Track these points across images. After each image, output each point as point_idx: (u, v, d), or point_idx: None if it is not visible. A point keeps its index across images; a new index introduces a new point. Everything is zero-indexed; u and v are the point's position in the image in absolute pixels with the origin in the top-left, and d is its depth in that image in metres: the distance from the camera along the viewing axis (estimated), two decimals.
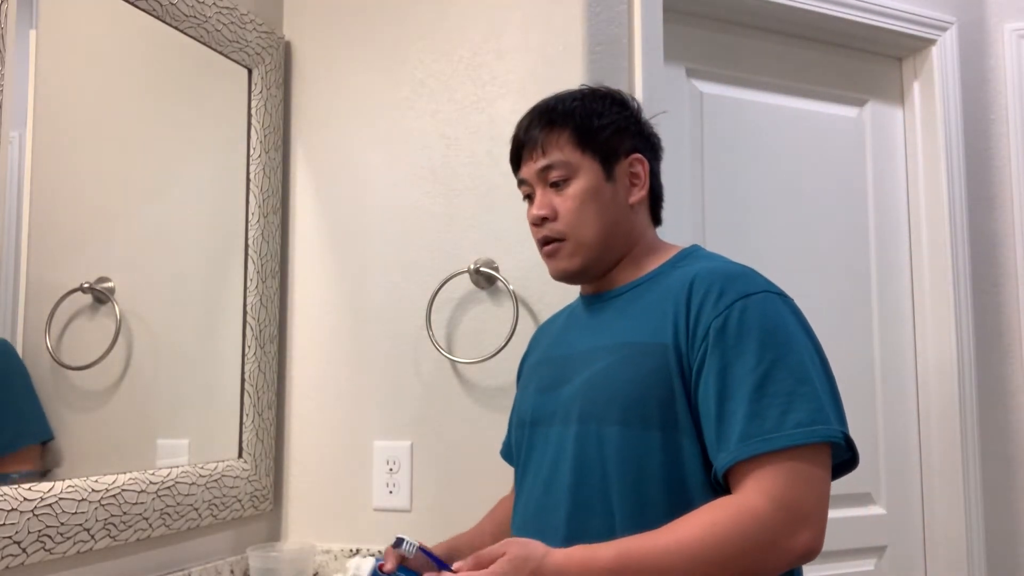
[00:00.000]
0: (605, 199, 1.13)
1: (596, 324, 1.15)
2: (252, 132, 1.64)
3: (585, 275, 1.16)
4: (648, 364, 1.04)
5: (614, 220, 1.13)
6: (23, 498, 1.11)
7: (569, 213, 1.12)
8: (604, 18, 1.58)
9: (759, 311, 1.00)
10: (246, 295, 1.61)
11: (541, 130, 1.14)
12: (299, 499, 1.68)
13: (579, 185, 1.12)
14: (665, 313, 1.05)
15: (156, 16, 1.39)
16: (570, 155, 1.12)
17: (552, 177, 1.13)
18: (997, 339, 2.05)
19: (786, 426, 0.94)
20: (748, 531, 0.92)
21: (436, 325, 1.59)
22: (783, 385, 0.96)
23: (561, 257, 1.14)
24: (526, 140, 1.16)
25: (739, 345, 0.98)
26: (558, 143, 1.13)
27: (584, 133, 1.13)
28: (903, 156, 2.11)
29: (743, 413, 0.96)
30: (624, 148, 1.15)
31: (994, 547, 1.98)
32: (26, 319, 1.17)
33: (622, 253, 1.15)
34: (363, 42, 1.71)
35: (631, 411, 1.03)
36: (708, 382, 1.00)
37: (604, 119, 1.14)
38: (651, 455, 1.01)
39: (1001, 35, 2.12)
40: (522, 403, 1.23)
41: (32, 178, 1.18)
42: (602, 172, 1.13)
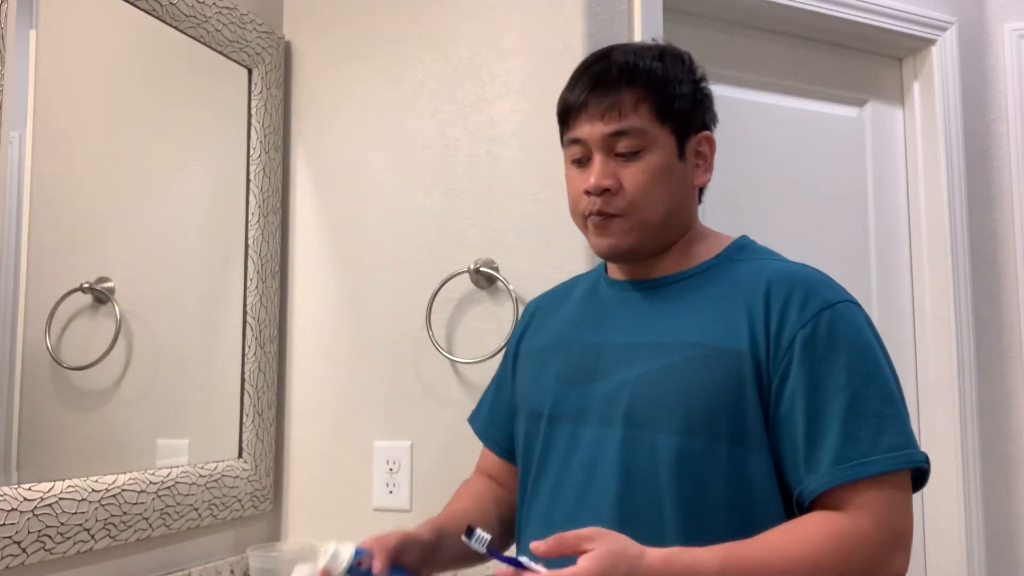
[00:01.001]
0: (675, 178, 1.03)
1: (642, 315, 1.05)
2: (252, 132, 1.64)
3: (633, 256, 1.06)
4: (720, 370, 0.96)
5: (680, 203, 1.04)
6: (23, 498, 1.11)
7: (637, 189, 1.00)
8: (604, 18, 1.58)
9: (846, 323, 0.96)
10: (246, 295, 1.61)
11: (621, 87, 1.00)
12: (299, 499, 1.68)
13: (653, 160, 1.01)
14: (737, 314, 0.97)
15: (156, 16, 1.39)
16: (649, 124, 1.00)
17: (622, 147, 1.01)
18: (997, 339, 2.05)
19: (880, 450, 0.91)
20: (856, 553, 0.89)
21: (436, 325, 1.59)
22: (874, 405, 0.93)
23: (613, 232, 1.02)
24: (599, 94, 1.01)
25: (828, 360, 0.93)
26: (637, 108, 1.00)
27: (666, 102, 1.01)
28: (903, 156, 2.11)
29: (836, 434, 0.91)
30: (696, 123, 1.05)
31: (994, 547, 1.98)
32: (26, 319, 1.17)
33: (675, 237, 1.06)
34: (363, 42, 1.71)
35: (696, 420, 0.95)
36: (794, 397, 0.93)
37: (683, 88, 1.03)
38: (715, 469, 0.95)
39: (1001, 35, 2.12)
40: (533, 392, 1.12)
41: (32, 178, 1.18)
42: (675, 147, 1.03)
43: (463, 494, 1.21)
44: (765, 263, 1.03)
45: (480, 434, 1.27)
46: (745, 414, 0.95)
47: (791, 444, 0.94)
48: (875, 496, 0.90)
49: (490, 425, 1.25)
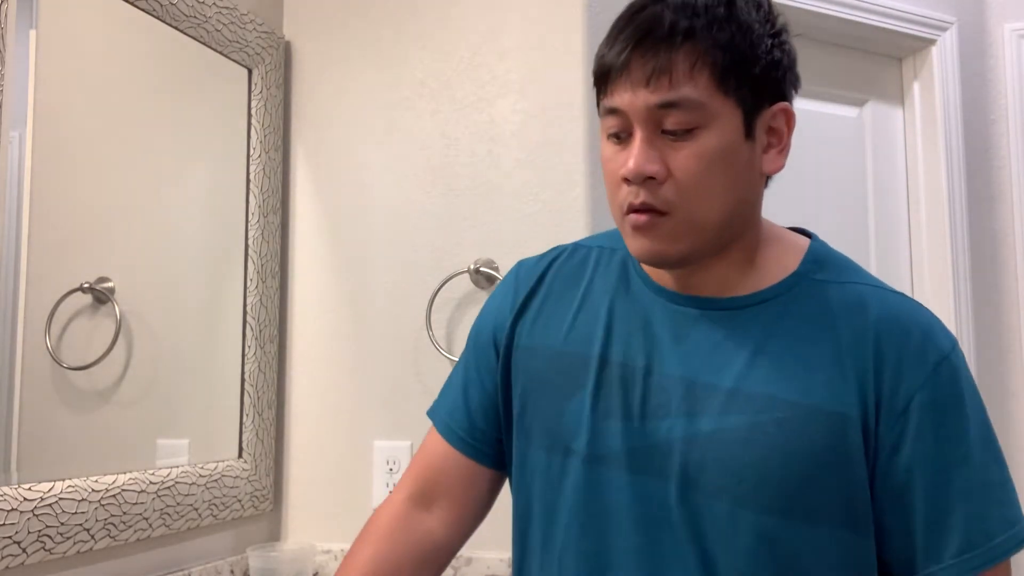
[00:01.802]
0: (740, 164, 0.80)
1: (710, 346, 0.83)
2: (252, 132, 1.64)
3: (683, 264, 0.83)
4: (822, 437, 0.77)
5: (745, 196, 0.82)
6: (23, 498, 1.11)
7: (690, 178, 0.78)
8: (604, 18, 1.58)
9: (964, 379, 0.80)
10: (246, 295, 1.61)
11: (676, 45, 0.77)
12: (299, 499, 1.68)
13: (711, 140, 0.78)
14: (841, 367, 0.79)
15: (156, 16, 1.39)
16: (708, 95, 0.77)
17: (672, 122, 0.77)
18: (997, 339, 2.05)
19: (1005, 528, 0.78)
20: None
21: (436, 325, 1.59)
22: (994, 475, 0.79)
23: (659, 236, 0.80)
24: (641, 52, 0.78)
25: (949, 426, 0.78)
26: (694, 73, 0.77)
27: (734, 65, 0.77)
28: (903, 156, 2.11)
29: (961, 516, 0.77)
30: (771, 92, 0.82)
31: None
32: (26, 319, 1.17)
33: (735, 237, 0.84)
34: (363, 42, 1.71)
35: (793, 497, 0.78)
36: (911, 471, 0.78)
37: (759, 45, 0.79)
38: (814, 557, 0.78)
39: (1001, 35, 2.12)
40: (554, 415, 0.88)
41: (32, 178, 1.18)
42: (743, 125, 0.79)
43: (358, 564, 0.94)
44: (860, 290, 0.83)
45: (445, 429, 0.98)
46: (853, 490, 0.78)
47: (905, 525, 0.79)
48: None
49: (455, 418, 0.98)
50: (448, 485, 0.97)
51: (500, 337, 0.95)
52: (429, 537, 0.97)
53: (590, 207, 1.52)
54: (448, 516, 0.97)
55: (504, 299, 0.97)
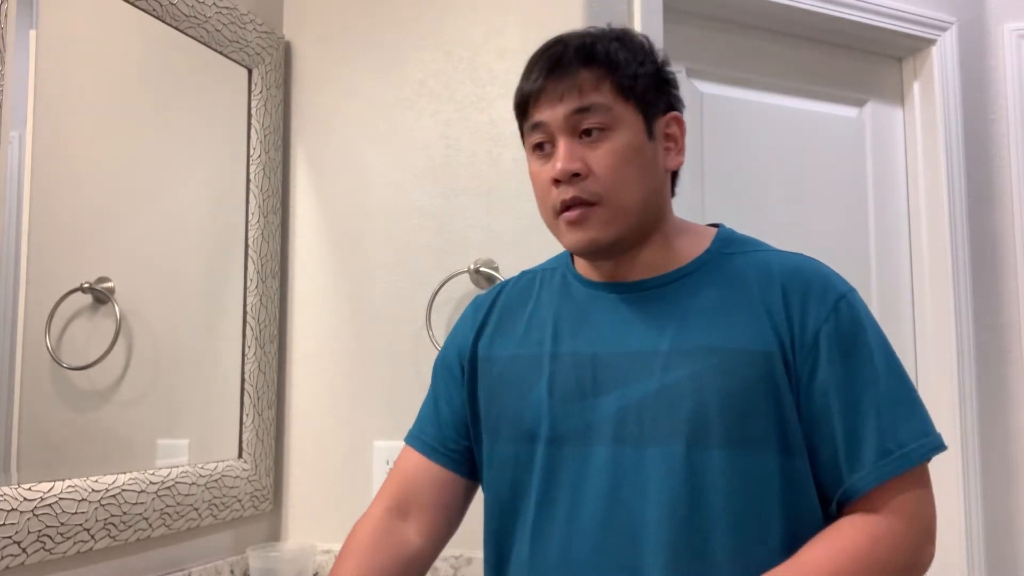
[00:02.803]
0: (647, 159, 0.95)
1: (641, 320, 0.95)
2: (252, 132, 1.64)
3: (614, 250, 0.96)
4: (752, 374, 0.90)
5: (655, 187, 0.96)
6: (23, 498, 1.11)
7: (608, 171, 0.92)
8: (604, 18, 1.58)
9: (861, 313, 0.94)
10: (246, 295, 1.61)
11: (580, 65, 0.94)
12: (299, 499, 1.68)
13: (621, 138, 0.93)
14: (756, 315, 0.92)
15: (156, 16, 1.39)
16: (613, 101, 0.93)
17: (588, 123, 0.92)
18: (997, 339, 2.05)
19: (915, 437, 0.90)
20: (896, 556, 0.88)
21: (436, 325, 1.59)
22: (900, 392, 0.92)
23: (592, 225, 0.93)
24: (557, 75, 0.94)
25: (854, 353, 0.91)
26: (599, 85, 0.93)
27: (630, 78, 0.94)
28: (903, 156, 2.11)
29: (874, 428, 0.89)
30: (662, 104, 0.98)
31: (994, 547, 1.98)
32: (26, 319, 1.17)
33: (652, 228, 0.97)
34: (363, 42, 1.71)
35: (736, 430, 0.89)
36: (828, 395, 0.90)
37: (646, 67, 0.96)
38: (762, 482, 0.89)
39: (1001, 35, 2.12)
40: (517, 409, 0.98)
41: (32, 178, 1.18)
42: (643, 127, 0.95)
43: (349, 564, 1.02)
44: (763, 255, 0.98)
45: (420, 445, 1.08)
46: (784, 417, 0.90)
47: (828, 443, 0.90)
48: (908, 494, 0.90)
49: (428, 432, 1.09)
50: (421, 493, 1.06)
51: (464, 355, 1.07)
52: (407, 545, 1.05)
53: None
54: (424, 524, 1.06)
55: (464, 326, 1.10)
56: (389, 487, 1.09)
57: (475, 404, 1.06)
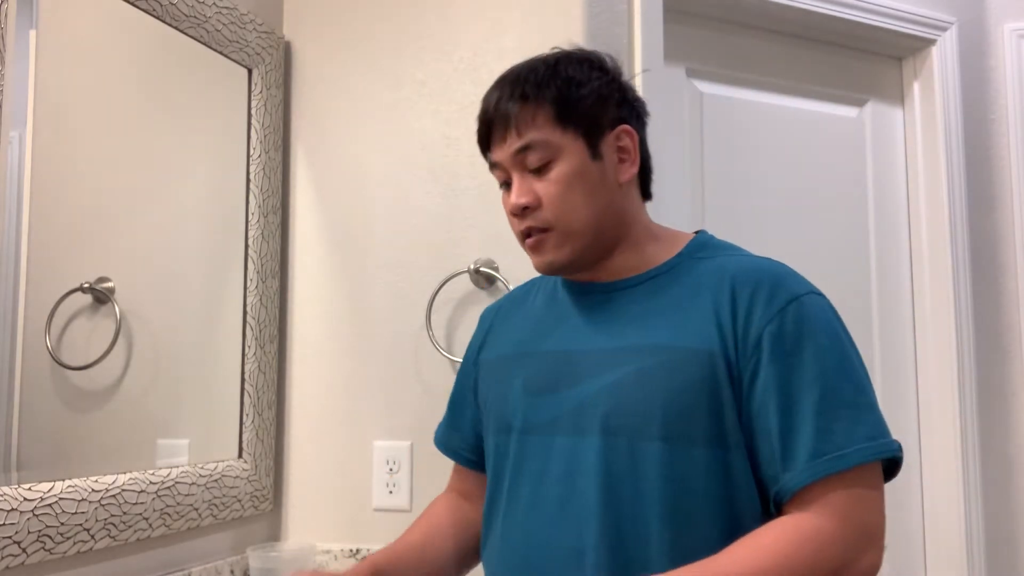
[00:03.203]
0: (593, 181, 1.00)
1: (607, 320, 1.02)
2: (252, 132, 1.64)
3: (575, 267, 1.03)
4: (694, 372, 0.94)
5: (605, 204, 1.01)
6: (23, 498, 1.11)
7: (554, 200, 0.99)
8: (604, 18, 1.58)
9: (812, 315, 0.94)
10: (246, 295, 1.61)
11: (514, 105, 0.99)
12: (299, 499, 1.68)
13: (563, 167, 0.99)
14: (705, 314, 0.96)
15: (156, 16, 1.39)
16: (550, 134, 0.98)
17: (531, 161, 0.99)
18: (997, 339, 2.05)
19: (855, 441, 0.90)
20: (822, 555, 0.88)
21: (436, 325, 1.59)
22: (846, 396, 0.91)
23: (547, 249, 1.01)
24: (496, 118, 1.01)
25: (797, 354, 0.92)
26: (535, 120, 0.99)
27: (564, 106, 0.98)
28: (903, 156, 2.11)
29: (810, 429, 0.90)
30: (609, 119, 1.01)
31: (994, 547, 1.98)
32: (26, 319, 1.17)
33: (617, 238, 1.03)
34: (363, 42, 1.71)
35: (675, 425, 0.94)
36: (767, 394, 0.92)
37: (585, 88, 1.00)
38: (697, 475, 0.93)
39: (1001, 35, 2.12)
40: (501, 404, 1.08)
41: (32, 178, 1.18)
42: (587, 150, 0.99)
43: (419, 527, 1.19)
44: (728, 259, 1.01)
45: (444, 447, 1.23)
46: (723, 415, 0.94)
47: (766, 441, 0.92)
48: (842, 494, 0.89)
49: (452, 437, 1.22)
50: (471, 487, 1.21)
51: (473, 360, 1.19)
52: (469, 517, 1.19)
53: None
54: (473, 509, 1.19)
55: (477, 333, 1.22)
56: (452, 476, 1.25)
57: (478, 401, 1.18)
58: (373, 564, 1.10)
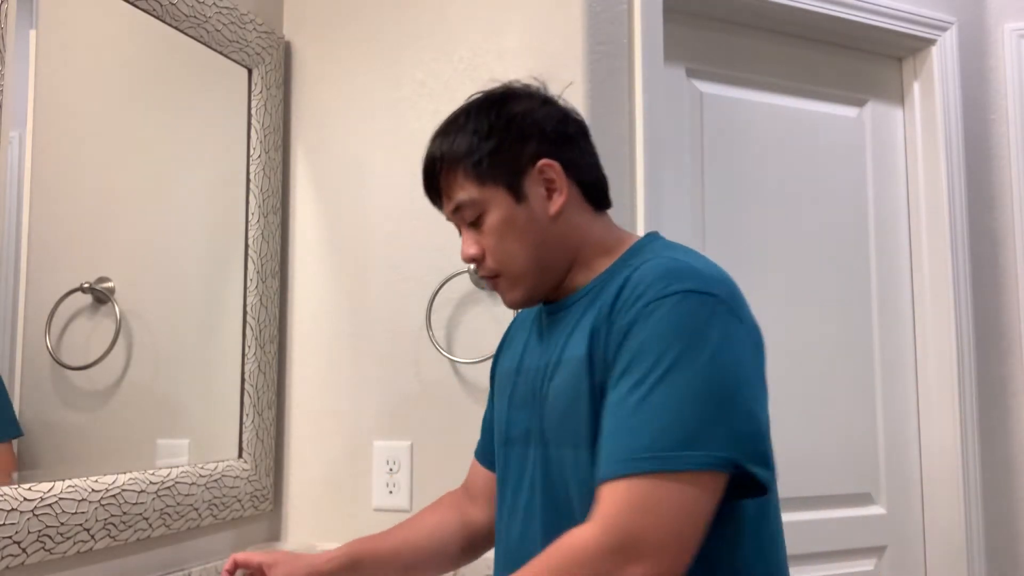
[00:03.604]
0: (522, 224, 1.03)
1: (550, 336, 1.08)
2: (252, 132, 1.64)
3: (536, 299, 1.09)
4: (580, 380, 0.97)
5: (540, 241, 1.04)
6: (23, 498, 1.11)
7: (493, 250, 1.05)
8: (604, 18, 1.58)
9: (668, 313, 0.89)
10: (246, 295, 1.61)
11: (436, 174, 1.06)
12: (299, 499, 1.68)
13: (492, 219, 1.03)
14: (597, 321, 0.98)
15: (156, 16, 1.39)
16: (472, 192, 1.03)
17: (466, 217, 1.05)
18: (997, 339, 2.05)
19: (655, 448, 0.84)
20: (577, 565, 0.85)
21: (436, 325, 1.59)
22: (669, 402, 0.86)
23: (504, 290, 1.08)
24: (427, 187, 1.09)
25: (640, 353, 0.89)
26: (456, 184, 1.04)
27: (476, 166, 1.03)
28: (903, 156, 2.11)
29: (623, 429, 0.87)
30: (527, 157, 1.03)
31: (994, 547, 1.98)
32: (26, 319, 1.17)
33: (567, 263, 1.07)
34: (363, 42, 1.71)
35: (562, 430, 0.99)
36: (609, 391, 0.92)
37: (491, 139, 1.03)
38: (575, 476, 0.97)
39: (1001, 35, 2.12)
40: (497, 417, 1.16)
41: (32, 178, 1.18)
42: (510, 197, 1.03)
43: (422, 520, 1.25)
44: (641, 262, 0.98)
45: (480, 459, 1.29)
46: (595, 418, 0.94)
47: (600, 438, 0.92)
48: (618, 501, 0.85)
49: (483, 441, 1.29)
50: (480, 487, 1.26)
51: (492, 371, 1.27)
52: (470, 517, 1.26)
53: None
54: (482, 507, 1.25)
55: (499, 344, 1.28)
56: (467, 475, 1.31)
57: None
58: (351, 551, 1.18)
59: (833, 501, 1.94)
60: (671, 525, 0.84)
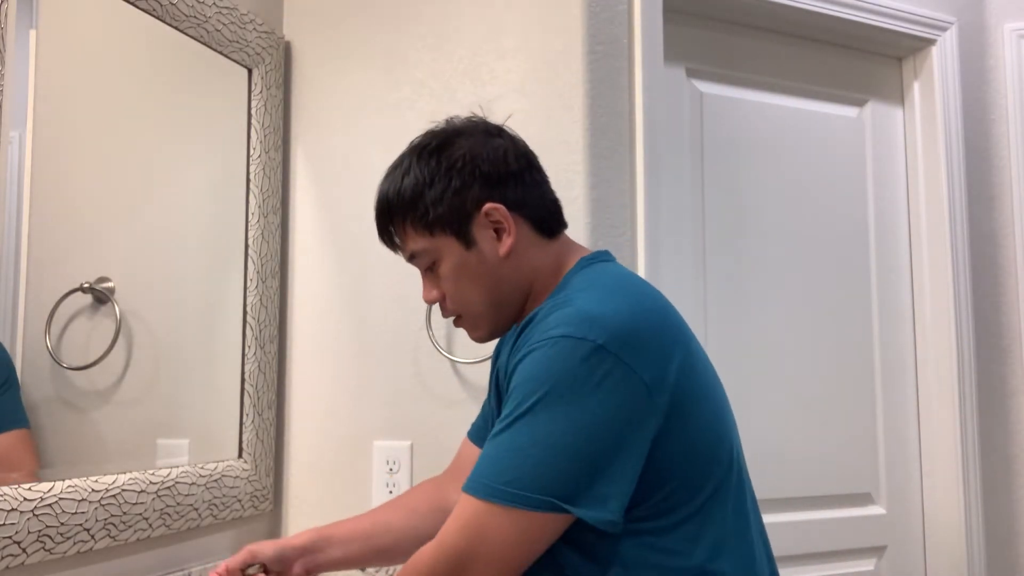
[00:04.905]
0: (474, 269, 1.07)
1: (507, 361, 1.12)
2: (252, 132, 1.64)
3: (499, 333, 1.14)
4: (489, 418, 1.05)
5: (494, 282, 1.08)
6: (23, 498, 1.11)
7: (450, 294, 1.09)
8: (604, 18, 1.58)
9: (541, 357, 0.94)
10: (246, 295, 1.61)
11: (387, 225, 1.10)
12: (299, 499, 1.68)
13: (446, 267, 1.07)
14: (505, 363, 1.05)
15: (156, 16, 1.39)
16: (422, 242, 1.07)
17: (422, 264, 1.10)
18: (997, 339, 2.05)
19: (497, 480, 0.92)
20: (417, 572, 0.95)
21: (436, 325, 1.59)
22: (517, 439, 0.93)
23: (468, 328, 1.13)
24: (382, 237, 1.12)
25: (514, 391, 0.95)
26: (407, 234, 1.08)
27: (423, 217, 1.06)
28: (903, 156, 2.11)
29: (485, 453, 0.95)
30: (471, 203, 1.05)
31: (994, 547, 1.98)
32: (26, 319, 1.17)
33: (524, 297, 1.10)
34: (363, 42, 1.71)
35: None
36: None
37: (435, 189, 1.05)
38: None
39: (1001, 35, 2.12)
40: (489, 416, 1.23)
41: (32, 178, 1.18)
42: (459, 244, 1.06)
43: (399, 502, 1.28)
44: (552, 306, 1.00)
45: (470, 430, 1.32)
46: None
47: None
48: (455, 514, 0.95)
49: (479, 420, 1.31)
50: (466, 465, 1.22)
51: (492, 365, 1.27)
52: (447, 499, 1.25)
53: (590, 207, 1.52)
54: None
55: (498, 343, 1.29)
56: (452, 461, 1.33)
57: None
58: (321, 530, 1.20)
59: (833, 501, 1.94)
60: (499, 551, 0.93)
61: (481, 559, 0.93)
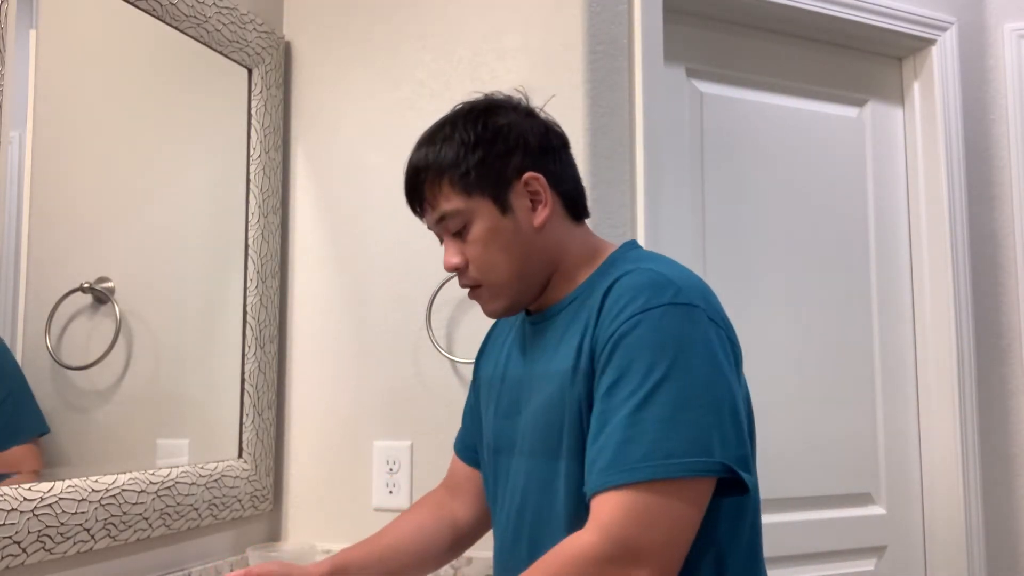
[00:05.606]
0: (507, 235, 1.05)
1: (534, 347, 1.10)
2: (252, 132, 1.64)
3: (516, 309, 1.10)
4: (564, 392, 0.99)
5: (525, 253, 1.06)
6: (23, 498, 1.11)
7: (476, 260, 1.06)
8: (604, 18, 1.58)
9: (656, 325, 0.92)
10: (246, 295, 1.61)
11: (421, 185, 1.07)
12: (299, 499, 1.68)
13: (477, 230, 1.04)
14: (580, 333, 0.99)
15: (156, 16, 1.39)
16: (458, 203, 1.04)
17: (451, 227, 1.06)
18: (997, 339, 2.05)
19: (651, 457, 0.87)
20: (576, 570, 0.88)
21: (436, 325, 1.59)
22: (662, 411, 0.88)
23: (485, 301, 1.09)
24: (412, 196, 1.09)
25: (629, 365, 0.91)
26: (442, 194, 1.05)
27: (463, 177, 1.04)
28: (903, 156, 2.11)
29: (615, 440, 0.89)
30: (512, 170, 1.05)
31: (994, 547, 1.98)
32: (26, 319, 1.17)
33: (548, 274, 1.08)
34: (363, 42, 1.71)
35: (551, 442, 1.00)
36: (597, 404, 0.94)
37: (479, 151, 1.04)
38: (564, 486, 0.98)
39: (1001, 35, 2.12)
40: (485, 424, 1.19)
41: (32, 178, 1.18)
42: (496, 208, 1.04)
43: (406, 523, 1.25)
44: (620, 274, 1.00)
45: (458, 452, 1.31)
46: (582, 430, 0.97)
47: (587, 449, 0.94)
48: (615, 509, 0.87)
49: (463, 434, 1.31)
50: (461, 482, 1.29)
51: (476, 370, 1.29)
52: (452, 514, 1.28)
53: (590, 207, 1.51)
54: (466, 503, 1.29)
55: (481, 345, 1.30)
56: (447, 472, 1.33)
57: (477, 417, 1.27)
58: (336, 560, 1.17)
59: (833, 501, 1.94)
60: (667, 532, 0.88)
61: (650, 545, 0.87)
